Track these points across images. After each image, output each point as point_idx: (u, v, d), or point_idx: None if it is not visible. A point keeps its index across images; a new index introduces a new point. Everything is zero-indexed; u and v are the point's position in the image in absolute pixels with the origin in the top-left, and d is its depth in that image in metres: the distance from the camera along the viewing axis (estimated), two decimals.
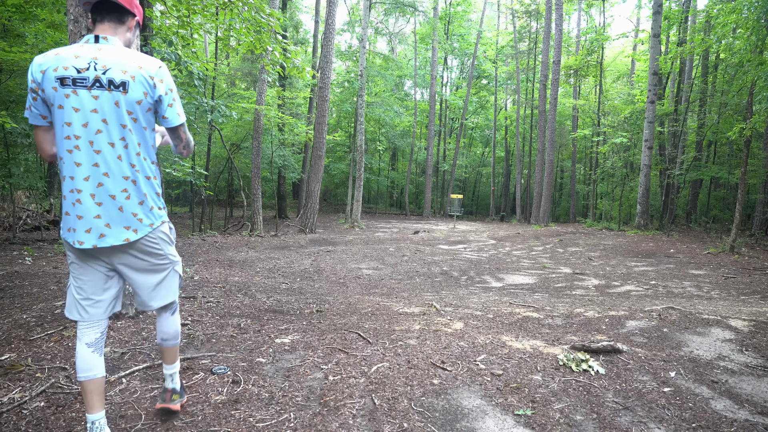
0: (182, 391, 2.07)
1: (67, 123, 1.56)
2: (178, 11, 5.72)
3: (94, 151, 1.58)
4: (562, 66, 20.21)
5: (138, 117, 1.63)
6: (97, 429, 1.66)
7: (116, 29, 1.67)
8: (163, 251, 1.78)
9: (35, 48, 7.22)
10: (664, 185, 16.01)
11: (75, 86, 1.54)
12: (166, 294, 1.84)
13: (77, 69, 1.54)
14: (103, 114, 1.57)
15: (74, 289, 1.70)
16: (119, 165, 1.61)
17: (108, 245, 1.62)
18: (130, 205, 1.64)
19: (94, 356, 1.69)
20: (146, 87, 1.61)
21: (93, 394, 1.66)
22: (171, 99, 1.69)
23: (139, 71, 1.60)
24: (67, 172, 1.59)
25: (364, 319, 3.65)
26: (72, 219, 1.60)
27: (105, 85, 1.56)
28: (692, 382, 2.52)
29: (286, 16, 18.49)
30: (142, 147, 1.66)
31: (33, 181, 8.67)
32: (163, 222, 1.77)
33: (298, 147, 19.80)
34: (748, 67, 10.55)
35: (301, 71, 5.61)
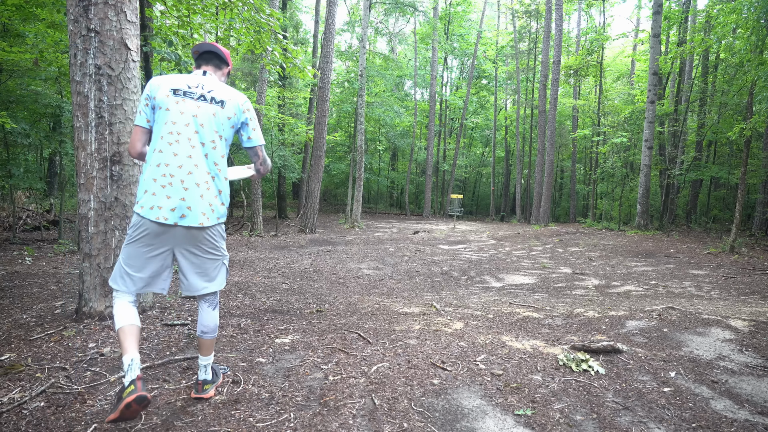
0: (215, 377, 2.24)
1: (173, 121, 1.94)
2: (178, 11, 5.72)
3: (190, 146, 1.94)
4: (562, 66, 20.20)
5: (226, 129, 2.04)
6: (135, 365, 1.82)
7: (215, 72, 2.15)
8: (219, 244, 2.08)
9: (35, 48, 7.22)
10: (664, 185, 16.01)
11: (185, 96, 1.97)
12: (213, 281, 2.09)
13: (188, 85, 1.99)
14: (202, 119, 1.97)
15: (125, 265, 1.96)
16: (206, 161, 1.98)
17: (186, 225, 1.92)
18: (209, 195, 1.98)
19: (132, 308, 1.97)
20: (237, 110, 2.05)
21: (130, 336, 1.88)
22: (255, 125, 2.13)
23: (233, 97, 2.05)
24: (164, 159, 1.92)
25: (364, 319, 3.65)
26: (159, 198, 1.90)
27: (208, 100, 1.99)
28: (692, 382, 2.52)
29: (286, 16, 18.49)
30: (224, 152, 2.05)
31: (33, 182, 8.67)
32: (224, 220, 2.09)
33: (298, 147, 19.80)
34: (748, 67, 10.55)
35: (301, 71, 5.62)
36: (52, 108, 8.04)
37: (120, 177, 2.99)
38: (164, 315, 3.33)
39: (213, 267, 2.08)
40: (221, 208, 2.03)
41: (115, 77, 2.94)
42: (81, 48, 2.88)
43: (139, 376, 1.78)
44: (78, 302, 3.10)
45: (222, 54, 2.17)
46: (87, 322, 2.99)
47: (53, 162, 14.17)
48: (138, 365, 1.82)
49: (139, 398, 1.71)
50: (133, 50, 3.04)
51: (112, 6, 2.90)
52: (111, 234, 2.98)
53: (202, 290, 2.06)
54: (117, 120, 2.95)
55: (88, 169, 2.94)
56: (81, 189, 2.97)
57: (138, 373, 1.79)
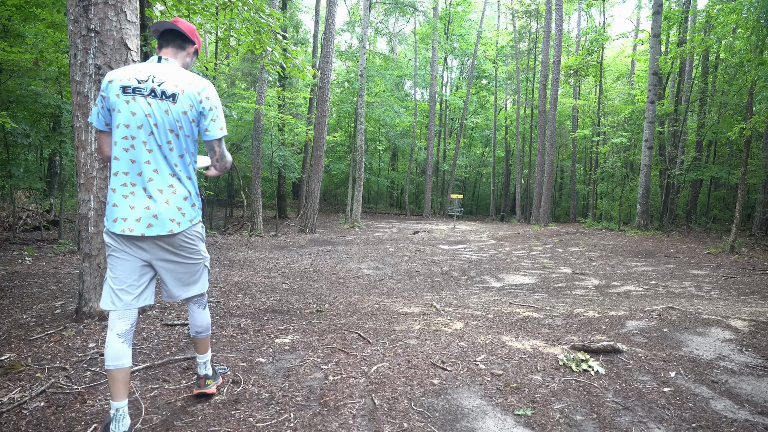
0: (215, 375, 2.24)
1: (125, 125, 1.80)
2: (178, 11, 5.72)
3: (146, 150, 1.81)
4: (562, 66, 20.20)
5: (183, 125, 1.86)
6: (120, 416, 1.76)
7: (177, 53, 1.97)
8: (197, 247, 1.97)
9: (35, 48, 7.22)
10: (664, 185, 16.00)
11: (134, 93, 1.80)
12: (195, 286, 2.04)
13: (138, 80, 1.81)
14: (155, 118, 1.81)
15: (110, 280, 1.86)
16: (165, 164, 1.84)
17: (154, 234, 1.81)
18: (176, 199, 1.85)
19: (123, 346, 1.83)
20: (192, 101, 1.85)
21: (119, 382, 1.79)
22: (214, 115, 1.91)
23: (188, 87, 1.85)
24: (122, 167, 1.81)
25: (364, 319, 3.65)
26: (122, 209, 1.79)
27: (158, 95, 1.81)
28: (692, 382, 2.52)
29: (286, 16, 18.49)
30: (185, 151, 1.89)
31: (33, 182, 8.66)
32: (199, 221, 1.98)
33: (298, 147, 19.80)
34: (748, 67, 10.54)
35: (301, 71, 5.62)
36: (52, 108, 8.04)
37: None
38: (164, 315, 3.33)
39: (194, 271, 2.00)
40: (192, 210, 1.90)
41: None
42: (81, 48, 2.88)
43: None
44: (78, 302, 3.10)
45: (184, 32, 1.96)
46: (87, 322, 2.99)
47: (53, 162, 14.17)
48: (123, 416, 1.76)
49: None
50: (133, 50, 3.04)
51: (112, 6, 2.90)
52: None
53: (183, 296, 2.01)
54: None
55: (88, 169, 2.94)
56: (81, 189, 2.97)
57: (121, 430, 1.73)
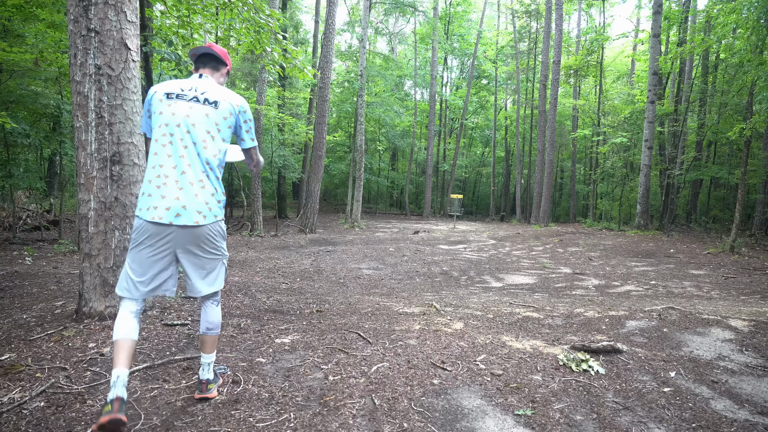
0: (216, 378, 2.25)
1: (165, 123, 1.98)
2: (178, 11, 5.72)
3: (182, 146, 1.97)
4: (562, 66, 20.20)
5: (221, 129, 2.05)
6: (120, 383, 1.80)
7: (213, 73, 2.19)
8: (218, 243, 2.08)
9: (35, 48, 7.22)
10: (664, 185, 16.00)
11: (177, 98, 2.01)
12: (213, 282, 2.11)
13: (182, 89, 2.03)
14: (194, 119, 1.99)
15: (129, 270, 1.98)
16: (200, 160, 1.99)
17: (181, 224, 1.93)
18: (204, 194, 1.98)
19: (133, 321, 1.96)
20: (232, 111, 2.08)
21: (123, 351, 1.87)
22: (248, 127, 2.16)
23: (229, 99, 2.08)
24: (158, 161, 1.96)
25: (364, 319, 3.65)
26: (155, 198, 1.93)
27: (201, 101, 2.02)
28: (692, 382, 2.52)
29: (286, 16, 18.48)
30: (218, 152, 2.05)
31: (33, 182, 8.67)
32: (222, 218, 2.09)
33: (298, 147, 19.80)
34: (748, 67, 10.54)
35: (301, 71, 5.62)
36: (52, 108, 8.04)
37: (120, 177, 2.99)
38: (164, 315, 3.33)
39: (214, 267, 2.09)
40: (217, 206, 2.03)
41: (115, 77, 2.93)
42: (81, 48, 2.87)
43: (118, 396, 1.75)
44: (78, 302, 3.10)
45: (218, 55, 2.19)
46: (87, 322, 2.99)
47: (53, 162, 14.17)
48: (123, 383, 1.80)
49: (112, 421, 1.68)
50: (133, 50, 3.04)
51: (112, 6, 2.90)
52: (111, 234, 2.98)
53: (204, 291, 2.08)
54: (117, 120, 2.95)
55: (88, 169, 2.94)
56: (81, 189, 2.97)
57: (119, 393, 1.76)
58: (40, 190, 10.64)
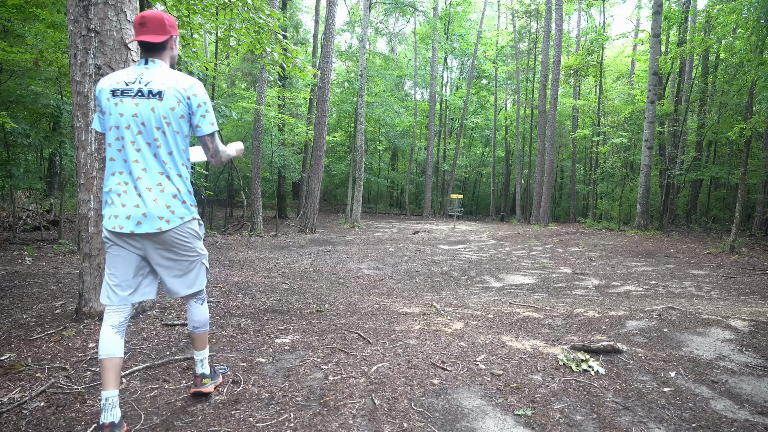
0: (213, 374, 2.23)
1: (114, 126, 1.85)
2: (178, 11, 5.72)
3: (135, 149, 1.85)
4: (562, 66, 20.19)
5: (171, 122, 1.87)
6: (109, 406, 1.77)
7: (161, 53, 1.97)
8: (191, 244, 1.98)
9: (35, 48, 7.22)
10: (664, 185, 16.00)
11: (122, 95, 1.85)
12: (192, 283, 2.05)
13: (126, 82, 1.86)
14: (142, 117, 1.84)
15: (107, 276, 1.92)
16: (155, 162, 1.86)
17: (143, 232, 1.84)
18: (164, 197, 1.87)
19: (116, 337, 1.88)
20: (180, 97, 1.87)
21: (110, 371, 1.82)
22: (203, 111, 1.93)
23: (174, 84, 1.87)
24: (114, 167, 1.87)
25: (364, 319, 3.65)
26: (116, 207, 1.85)
27: (145, 94, 1.84)
28: (692, 382, 2.52)
29: (286, 16, 18.49)
30: (173, 148, 1.90)
31: (33, 182, 8.67)
32: (193, 218, 1.98)
33: (298, 147, 19.80)
34: (748, 67, 10.54)
35: (301, 71, 5.61)
36: (52, 108, 8.04)
37: None
38: (164, 315, 3.33)
39: (190, 268, 2.01)
40: (182, 207, 1.91)
41: None
42: (81, 48, 2.88)
43: (107, 423, 1.73)
44: (78, 302, 3.10)
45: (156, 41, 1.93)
46: (87, 322, 2.99)
47: (53, 162, 14.17)
48: (112, 405, 1.77)
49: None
50: (133, 50, 3.04)
51: (112, 6, 2.90)
52: None
53: (182, 293, 2.03)
54: None
55: (88, 169, 2.94)
56: (81, 189, 2.97)
57: (109, 419, 1.74)
58: (40, 190, 10.64)
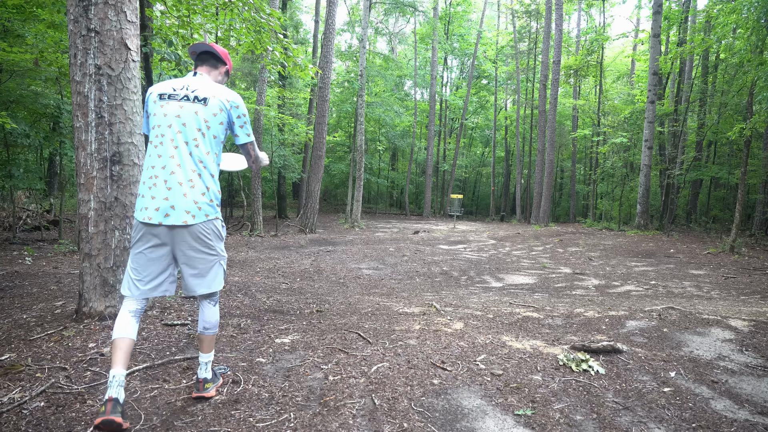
0: (214, 377, 2.24)
1: (157, 125, 1.99)
2: (178, 11, 5.72)
3: (173, 146, 1.96)
4: (562, 66, 20.19)
5: (211, 126, 2.02)
6: (115, 383, 1.82)
7: (210, 71, 2.18)
8: (213, 242, 2.05)
9: (35, 48, 7.22)
10: (664, 185, 16.00)
11: (169, 99, 2.00)
12: (210, 283, 2.09)
13: (174, 89, 2.03)
14: (185, 119, 1.98)
15: (130, 270, 2.01)
16: (191, 159, 1.98)
17: (170, 224, 1.93)
18: (194, 193, 1.97)
19: (132, 321, 1.98)
20: (222, 107, 2.04)
21: (121, 351, 1.89)
22: (242, 122, 2.12)
23: (219, 95, 2.04)
24: (150, 162, 1.98)
25: (364, 319, 3.65)
26: (147, 199, 1.95)
27: (191, 99, 2.00)
28: (692, 382, 2.52)
29: (286, 16, 18.48)
30: (210, 150, 2.03)
31: (33, 182, 8.66)
32: (217, 217, 2.06)
33: (298, 147, 19.79)
34: (748, 67, 10.54)
35: (302, 70, 5.62)
36: (52, 108, 8.04)
37: (120, 177, 2.99)
38: (164, 315, 3.33)
39: (208, 267, 2.06)
40: (209, 205, 2.01)
41: (115, 77, 2.93)
42: (81, 48, 2.87)
43: (111, 397, 1.76)
44: (78, 302, 3.10)
45: (217, 53, 2.19)
46: (87, 322, 2.99)
47: (53, 162, 14.17)
48: (119, 383, 1.81)
49: (105, 422, 1.71)
50: (133, 50, 3.04)
51: (112, 6, 2.90)
52: (111, 234, 2.98)
53: (199, 291, 2.07)
54: (117, 120, 2.95)
55: (88, 169, 2.94)
56: (81, 189, 2.97)
57: (112, 394, 1.77)
58: (40, 190, 10.63)
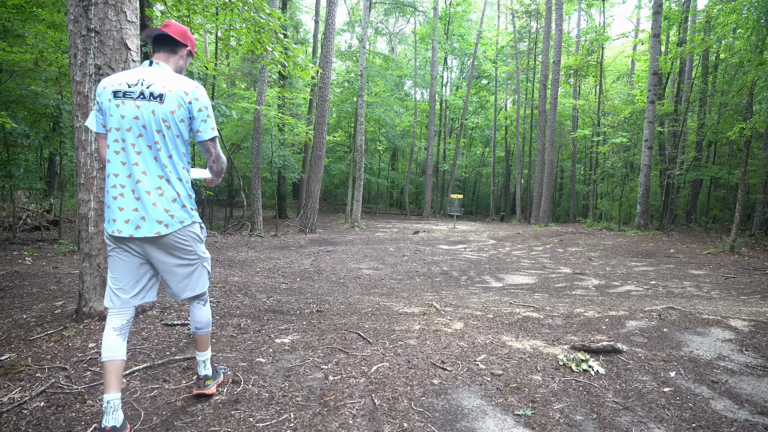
0: (215, 374, 2.24)
1: (116, 127, 1.84)
2: (179, 11, 5.73)
3: (135, 152, 1.84)
4: (562, 66, 20.19)
5: (171, 125, 1.86)
6: (111, 409, 1.77)
7: (169, 57, 1.98)
8: (192, 248, 1.97)
9: (35, 48, 7.22)
10: (664, 185, 16.00)
11: (124, 97, 1.83)
12: (194, 287, 2.04)
13: (128, 84, 1.85)
14: (143, 120, 1.83)
15: (109, 279, 1.93)
16: (155, 165, 1.85)
17: (142, 236, 1.84)
18: (163, 201, 1.86)
19: (118, 339, 1.89)
20: (181, 101, 1.86)
21: (112, 374, 1.82)
22: (204, 116, 1.92)
23: (176, 88, 1.86)
24: (113, 170, 1.85)
25: (364, 319, 3.65)
26: (114, 210, 1.85)
27: (147, 97, 1.83)
28: (692, 382, 2.52)
29: (286, 16, 18.48)
30: (173, 151, 1.89)
31: (33, 182, 8.66)
32: (193, 222, 1.96)
33: (298, 147, 19.79)
34: (748, 67, 10.54)
35: (303, 69, 5.62)
36: (52, 108, 8.04)
37: None
38: (164, 315, 3.33)
39: (190, 272, 2.00)
40: (182, 211, 1.89)
41: None
42: (81, 48, 2.88)
43: (110, 427, 1.74)
44: (78, 302, 3.10)
45: (173, 36, 1.96)
46: (87, 322, 2.99)
47: (53, 162, 14.17)
48: (115, 409, 1.78)
49: None
50: (133, 50, 3.04)
51: (112, 6, 2.90)
52: None
53: (184, 296, 2.03)
54: None
55: (88, 169, 2.94)
56: (81, 189, 2.97)
57: (110, 423, 1.75)
58: (40, 190, 10.63)
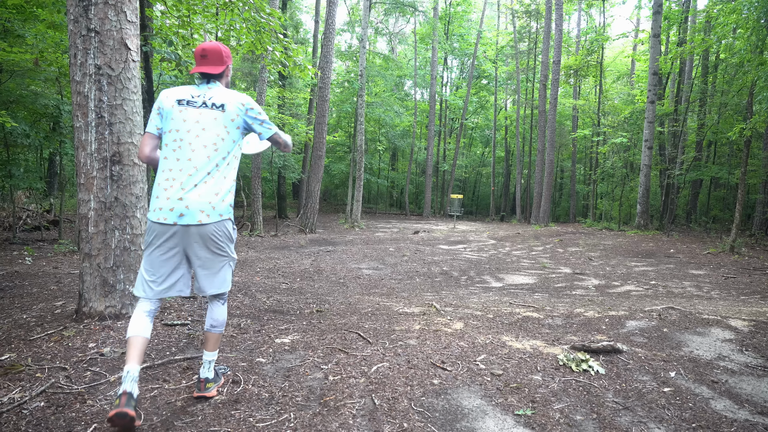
0: (216, 377, 2.27)
1: (176, 129, 2.07)
2: (179, 11, 5.72)
3: (191, 150, 2.05)
4: (562, 66, 20.19)
5: (230, 131, 2.12)
6: (129, 378, 1.85)
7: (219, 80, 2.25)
8: (224, 244, 2.12)
9: (35, 48, 7.22)
10: (664, 185, 16.00)
11: (188, 105, 2.10)
12: (221, 284, 2.16)
13: (192, 96, 2.12)
14: (204, 124, 2.08)
15: (144, 271, 2.06)
16: (208, 163, 2.05)
17: (185, 223, 1.99)
18: (208, 194, 2.03)
19: (146, 320, 2.04)
20: (239, 111, 2.14)
21: (135, 348, 1.94)
22: (260, 120, 2.21)
23: (234, 100, 2.14)
24: (167, 165, 2.05)
25: (364, 319, 3.65)
26: (161, 200, 2.01)
27: (209, 106, 2.11)
28: (692, 382, 2.52)
29: (286, 16, 18.48)
30: (226, 154, 2.11)
31: (33, 182, 8.66)
32: (229, 218, 2.12)
33: (298, 147, 19.78)
34: (748, 67, 10.53)
35: (303, 69, 5.62)
36: (52, 108, 8.04)
37: (120, 177, 2.99)
38: (164, 315, 3.33)
39: (219, 268, 2.12)
40: (222, 205, 2.07)
41: (115, 77, 2.93)
42: (81, 48, 2.87)
43: (125, 391, 1.79)
44: (78, 302, 3.10)
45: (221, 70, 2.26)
46: (87, 322, 2.99)
47: (53, 162, 14.17)
48: (133, 378, 1.85)
49: (118, 414, 1.73)
50: (133, 50, 3.04)
51: (112, 6, 2.90)
52: (111, 234, 2.98)
53: (210, 291, 2.14)
54: (117, 120, 2.95)
55: (88, 169, 2.94)
56: (81, 189, 2.97)
57: (126, 388, 1.80)
58: (40, 190, 10.63)
